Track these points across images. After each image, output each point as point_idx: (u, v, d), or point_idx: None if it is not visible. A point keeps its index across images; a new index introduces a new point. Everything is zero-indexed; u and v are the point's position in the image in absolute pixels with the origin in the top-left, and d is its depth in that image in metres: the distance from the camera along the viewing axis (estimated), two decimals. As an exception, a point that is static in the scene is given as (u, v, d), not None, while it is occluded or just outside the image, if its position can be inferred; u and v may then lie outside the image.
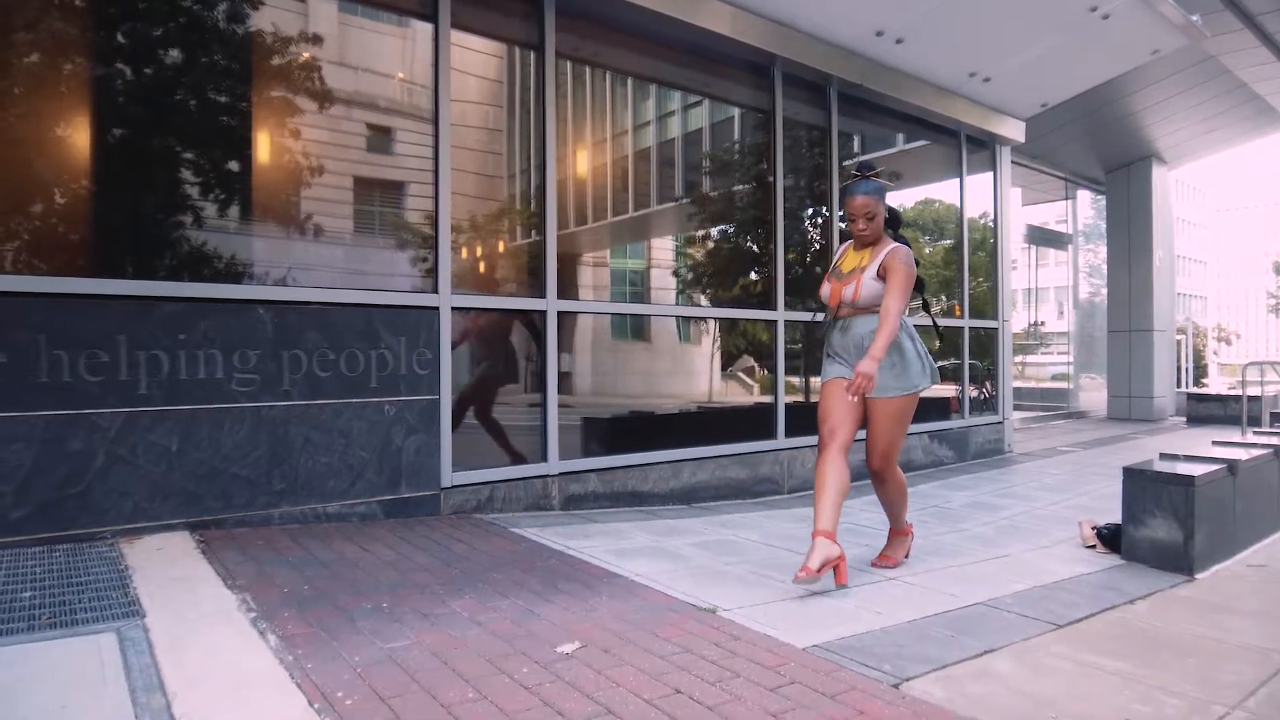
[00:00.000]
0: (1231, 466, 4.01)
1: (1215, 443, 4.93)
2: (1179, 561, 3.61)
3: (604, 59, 5.16)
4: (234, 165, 3.72)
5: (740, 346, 5.95)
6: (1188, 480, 3.63)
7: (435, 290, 3.98)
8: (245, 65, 3.73)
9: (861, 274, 3.25)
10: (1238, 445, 4.78)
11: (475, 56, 4.57)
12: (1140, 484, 3.81)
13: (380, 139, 4.19)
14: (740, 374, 5.96)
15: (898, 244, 3.28)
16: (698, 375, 5.80)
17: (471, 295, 4.25)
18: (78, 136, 3.32)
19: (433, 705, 1.79)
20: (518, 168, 4.74)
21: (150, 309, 3.22)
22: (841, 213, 2.96)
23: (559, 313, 4.46)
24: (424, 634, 2.26)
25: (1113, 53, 6.69)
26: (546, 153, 4.47)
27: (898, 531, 3.53)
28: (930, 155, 7.42)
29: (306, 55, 3.84)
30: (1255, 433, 5.94)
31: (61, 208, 3.33)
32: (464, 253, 4.40)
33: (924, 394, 3.37)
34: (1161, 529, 3.68)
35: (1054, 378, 15.92)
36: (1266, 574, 3.66)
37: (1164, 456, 4.31)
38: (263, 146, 3.77)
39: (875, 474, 3.35)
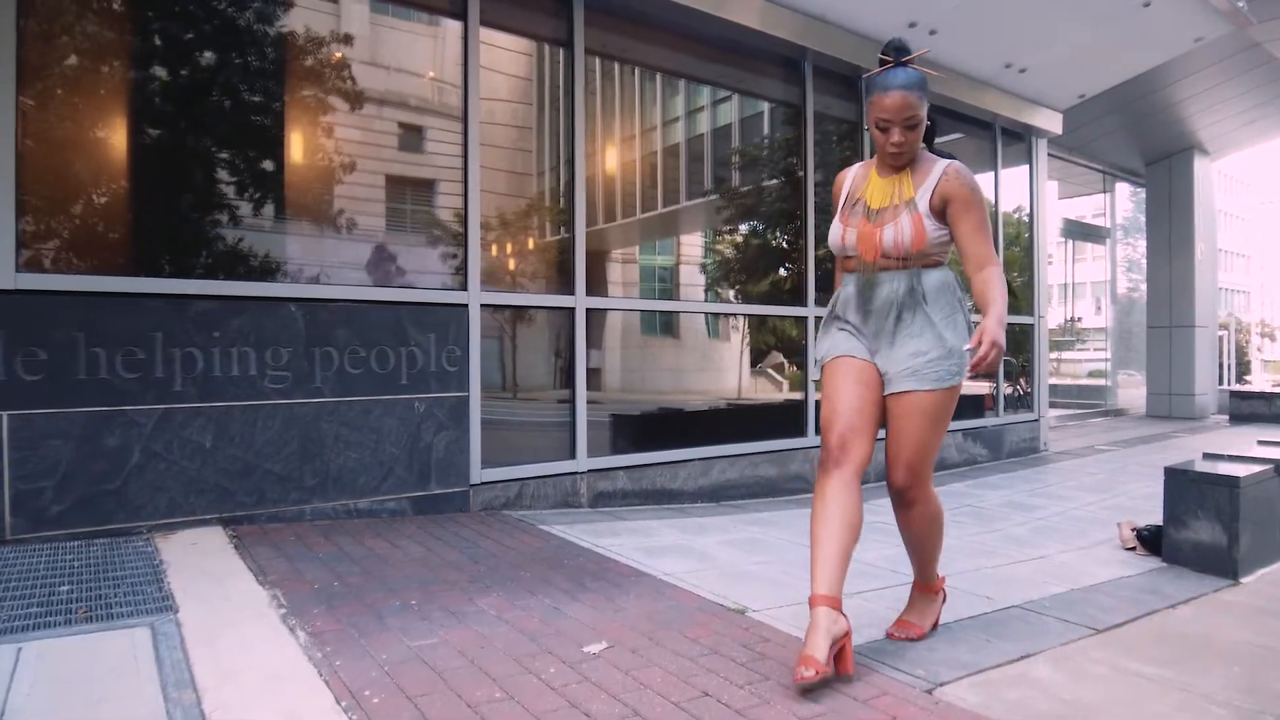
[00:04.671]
0: (1278, 467, 3.89)
1: (1261, 442, 4.79)
2: (1223, 565, 3.50)
3: (633, 55, 5.14)
4: (266, 165, 3.76)
5: (770, 343, 5.91)
6: (1232, 481, 3.53)
7: (465, 288, 4.00)
8: (276, 66, 3.77)
9: (909, 209, 2.24)
10: (1285, 445, 4.64)
11: (505, 54, 4.57)
12: (1182, 484, 3.70)
13: (410, 137, 4.21)
14: (770, 370, 5.91)
15: (948, 159, 2.32)
16: (727, 371, 5.76)
17: (500, 292, 4.26)
18: (113, 137, 3.37)
19: (459, 705, 1.79)
20: (547, 165, 4.73)
21: (184, 307, 3.27)
22: (866, 123, 2.29)
23: (588, 309, 4.45)
24: (452, 632, 2.26)
25: (1153, 41, 6.52)
26: (575, 149, 4.47)
27: (925, 587, 2.48)
28: (964, 148, 7.29)
29: (337, 55, 3.87)
30: (1303, 432, 5.75)
31: (98, 208, 3.39)
32: (493, 250, 4.41)
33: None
34: (1205, 531, 3.58)
35: (1090, 374, 15.61)
36: (1315, 578, 3.54)
37: (1207, 456, 4.19)
38: (294, 146, 3.80)
39: (898, 495, 2.30)
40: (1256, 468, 3.75)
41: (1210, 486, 3.60)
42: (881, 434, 2.31)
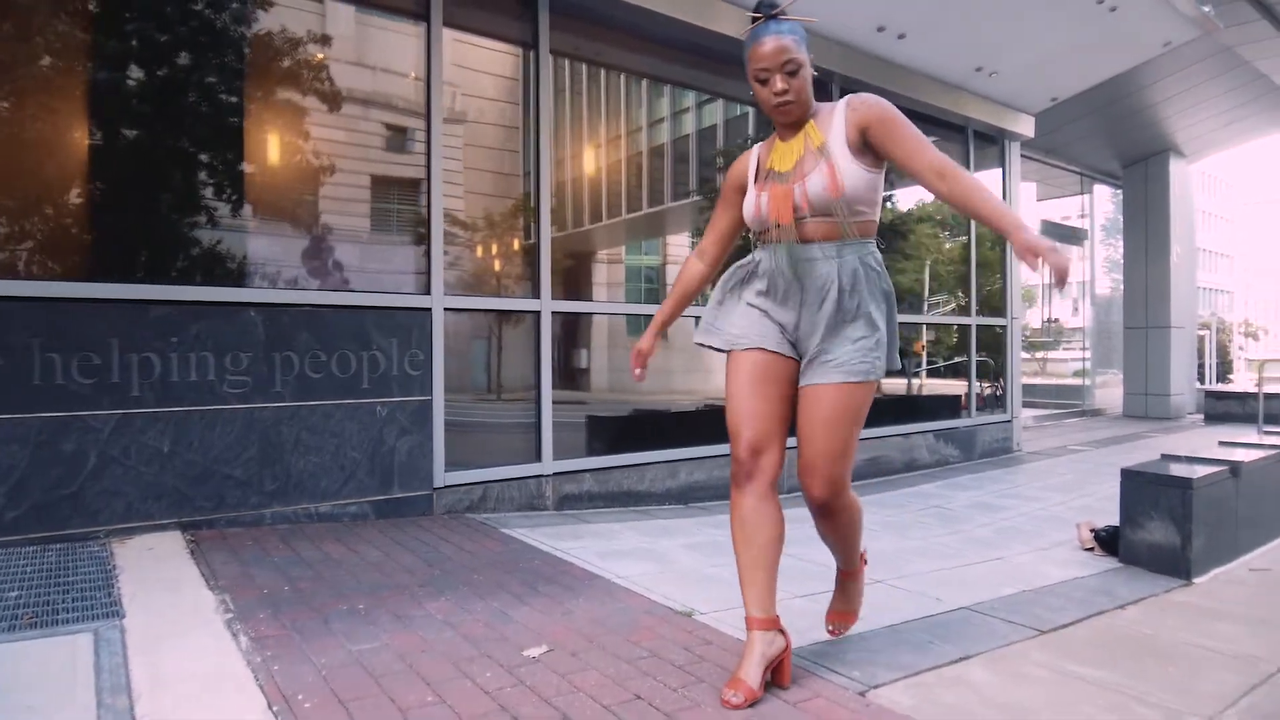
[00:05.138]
0: (1234, 468, 3.94)
1: (1222, 443, 4.85)
2: (1176, 565, 3.55)
3: (604, 58, 5.16)
4: (227, 170, 3.75)
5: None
6: (1185, 482, 3.57)
7: (428, 292, 4.00)
8: (234, 68, 3.76)
9: (821, 157, 2.01)
10: (1245, 445, 4.69)
11: (476, 54, 4.57)
12: (1138, 485, 3.75)
13: (373, 139, 4.21)
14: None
15: (848, 96, 2.09)
16: (715, 373, 5.78)
17: (465, 296, 4.27)
18: (69, 143, 3.37)
19: (390, 709, 1.80)
20: (520, 169, 4.74)
21: (142, 312, 3.26)
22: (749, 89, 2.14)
23: (554, 313, 4.46)
24: (395, 636, 2.27)
25: (1123, 45, 6.59)
26: (541, 152, 4.48)
27: (850, 572, 2.35)
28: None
29: (299, 56, 3.87)
30: (1267, 431, 5.83)
31: (53, 214, 3.38)
32: (458, 254, 4.42)
33: (931, 392, 2.81)
34: (1159, 532, 3.63)
35: (1075, 374, 15.73)
36: (1268, 579, 3.59)
37: (1165, 457, 4.24)
38: (254, 149, 3.80)
39: (820, 508, 2.11)
40: (1211, 469, 3.80)
41: (1165, 488, 3.65)
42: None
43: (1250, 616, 2.98)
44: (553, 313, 4.46)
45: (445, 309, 4.03)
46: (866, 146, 2.01)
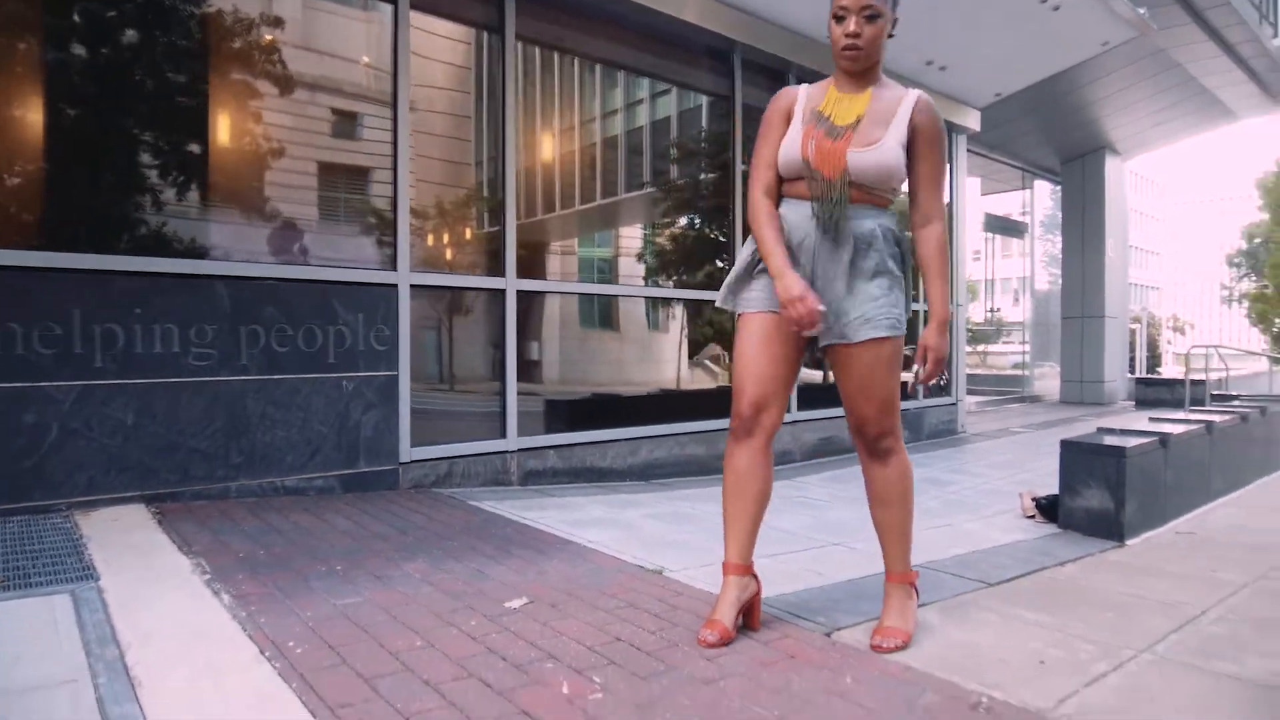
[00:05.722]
0: (1163, 440, 4.19)
1: (1152, 418, 5.15)
2: (1110, 529, 3.77)
3: (567, 43, 5.21)
4: (195, 145, 3.71)
5: (708, 335, 6.05)
6: (1119, 452, 3.80)
7: (394, 268, 4.02)
8: (208, 46, 3.72)
9: (884, 135, 2.06)
10: (1173, 421, 4.99)
11: (442, 42, 4.59)
12: (1076, 455, 3.97)
13: (342, 122, 4.20)
14: (707, 361, 6.06)
15: (919, 92, 2.15)
16: (665, 363, 5.88)
17: (431, 273, 4.30)
18: (32, 113, 3.30)
19: (380, 652, 1.87)
20: (485, 154, 4.76)
21: (105, 283, 3.23)
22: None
23: (519, 292, 4.52)
24: (376, 593, 2.33)
25: (1064, 44, 6.87)
26: (506, 136, 4.52)
27: (902, 575, 2.25)
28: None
29: (268, 38, 3.85)
30: (1189, 410, 6.17)
31: (14, 183, 3.32)
32: (426, 234, 4.44)
33: None
34: (1095, 498, 3.85)
35: (1015, 366, 16.29)
36: (1193, 541, 3.84)
37: (1101, 430, 4.49)
38: (223, 128, 3.77)
39: (873, 444, 2.18)
40: (1143, 440, 4.05)
41: (1100, 457, 3.87)
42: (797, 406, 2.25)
43: (1177, 573, 3.20)
44: (518, 290, 4.51)
45: (412, 285, 4.06)
46: (907, 144, 2.10)
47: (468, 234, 4.74)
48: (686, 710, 1.64)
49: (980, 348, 17.38)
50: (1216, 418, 5.18)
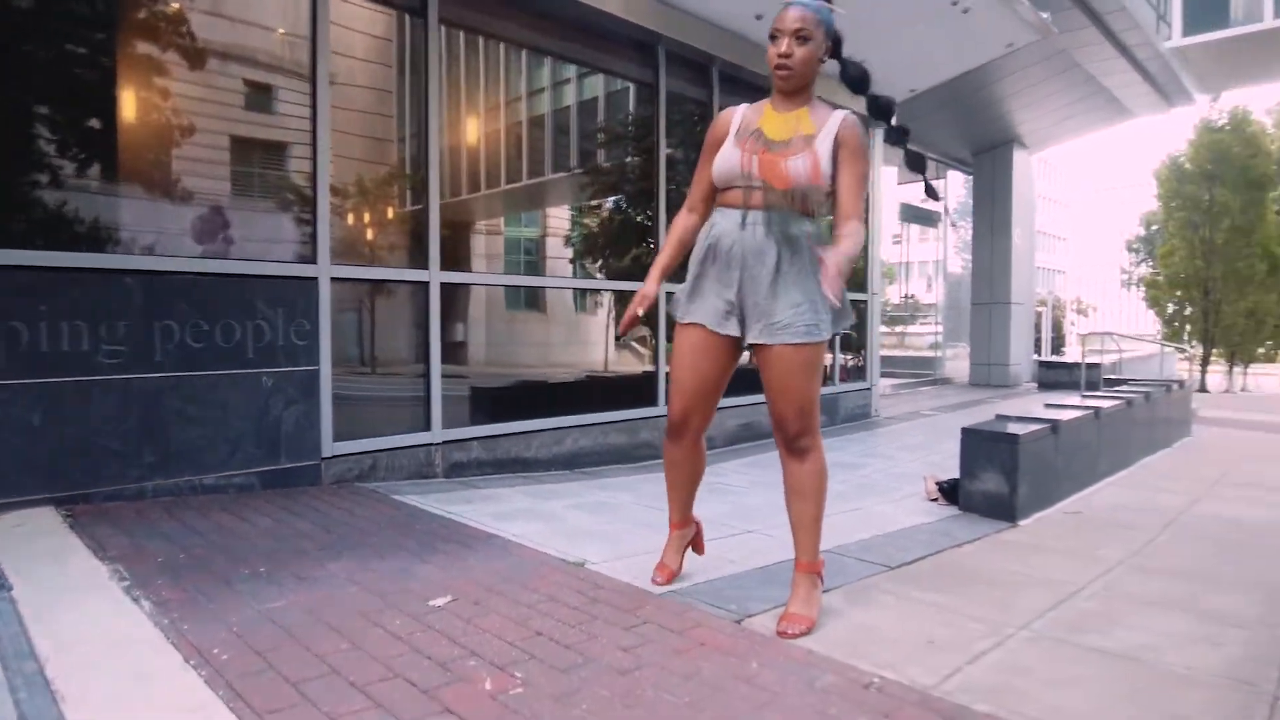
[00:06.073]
0: (1054, 426, 4.50)
1: (1047, 405, 5.48)
2: (1005, 510, 4.05)
3: (491, 29, 5.19)
4: (96, 124, 3.59)
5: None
6: (1013, 438, 4.07)
7: (314, 260, 3.98)
8: (112, 15, 3.58)
9: (809, 145, 2.25)
10: (1066, 407, 5.33)
11: (363, 12, 4.49)
12: (975, 442, 4.24)
13: (257, 97, 4.08)
14: (634, 344, 6.16)
15: (846, 111, 2.35)
16: (593, 345, 5.96)
17: (352, 266, 4.26)
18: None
19: (307, 656, 1.91)
20: (407, 131, 4.72)
21: (6, 278, 3.11)
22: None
23: (443, 284, 4.52)
24: (301, 594, 2.36)
25: (973, 45, 7.17)
26: (429, 121, 4.50)
27: (810, 565, 2.38)
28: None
29: (177, 5, 3.72)
30: (1084, 396, 6.59)
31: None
32: (346, 221, 4.39)
33: None
34: (991, 482, 4.12)
35: (931, 347, 16.94)
36: (1079, 519, 4.15)
37: (999, 417, 4.78)
38: (127, 103, 3.63)
39: (791, 443, 2.34)
40: (1035, 427, 4.33)
41: (996, 443, 4.14)
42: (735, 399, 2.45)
43: (1062, 549, 3.48)
44: (441, 283, 4.51)
45: (332, 278, 4.02)
46: (833, 155, 2.28)
47: (390, 225, 4.71)
48: (603, 700, 1.75)
49: (899, 329, 18.02)
50: (1104, 404, 5.57)
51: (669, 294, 2.70)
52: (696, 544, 2.76)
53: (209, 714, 1.63)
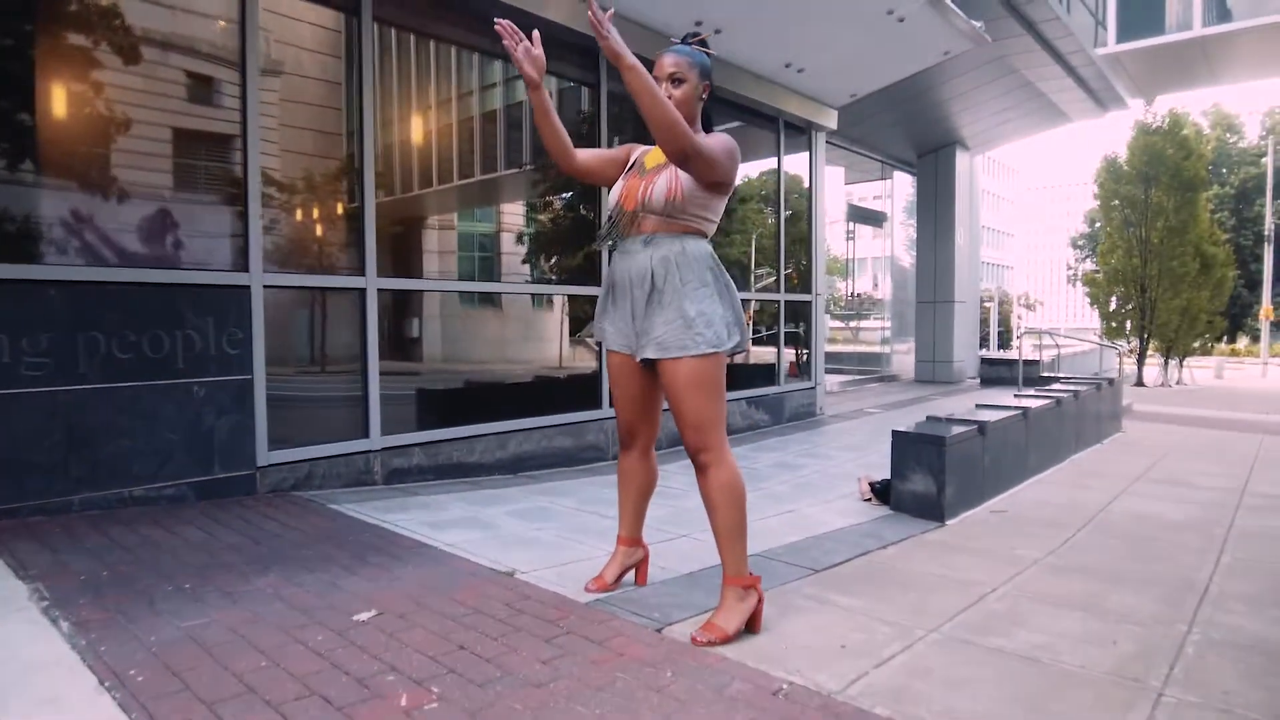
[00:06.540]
0: (982, 428, 4.66)
1: (978, 405, 5.66)
2: (934, 510, 4.19)
3: (430, 30, 5.17)
4: (11, 129, 3.51)
5: (588, 312, 6.18)
6: (940, 440, 4.21)
7: (246, 269, 3.95)
8: (21, 4, 3.49)
9: (670, 167, 2.38)
10: (995, 408, 5.51)
11: (297, 5, 4.43)
12: (904, 444, 4.37)
13: (193, 90, 3.98)
14: (588, 340, 6.20)
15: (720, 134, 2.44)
16: (539, 346, 5.99)
17: (285, 274, 4.23)
18: None
19: (224, 675, 1.93)
20: (344, 128, 4.67)
21: (-80, 290, 3.05)
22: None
23: (379, 290, 4.51)
24: (225, 612, 2.36)
25: (910, 52, 7.34)
26: (365, 124, 4.47)
27: (734, 579, 2.40)
28: (753, 138, 7.88)
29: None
30: (1019, 395, 6.80)
31: None
32: (279, 227, 4.35)
33: (744, 361, 3.09)
34: (920, 483, 4.26)
35: (882, 342, 17.26)
36: (1003, 518, 4.31)
37: (929, 419, 4.93)
38: (39, 99, 3.52)
39: (692, 459, 2.45)
40: (962, 429, 4.49)
41: (924, 445, 4.28)
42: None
43: (982, 549, 3.61)
44: (378, 290, 4.50)
45: (265, 286, 3.99)
46: None
47: (326, 231, 4.67)
48: (516, 714, 1.80)
49: (851, 324, 18.32)
50: (1034, 403, 5.77)
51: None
52: (640, 571, 2.79)
53: (119, 739, 1.65)
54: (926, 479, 4.24)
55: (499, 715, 1.79)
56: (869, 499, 4.54)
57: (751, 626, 2.41)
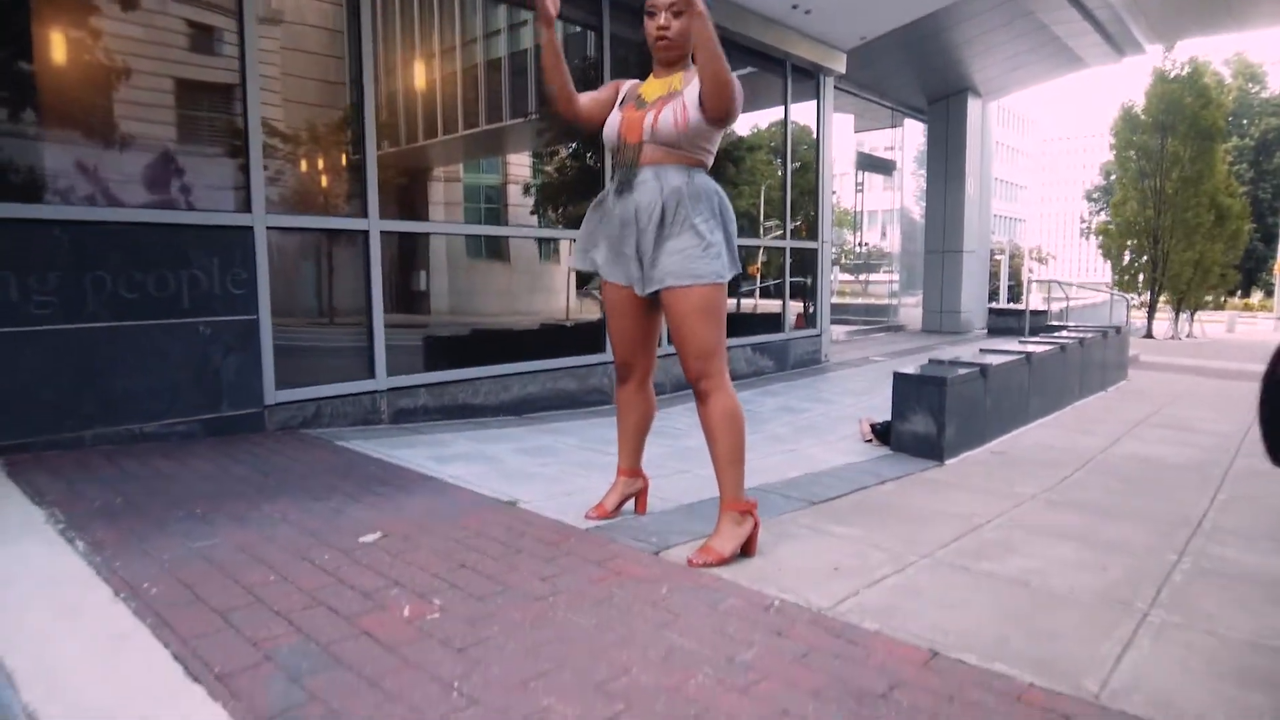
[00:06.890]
0: (984, 370, 4.67)
1: (982, 349, 5.67)
2: (933, 450, 4.23)
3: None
4: (16, 73, 3.51)
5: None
6: (941, 381, 4.23)
7: (249, 209, 3.96)
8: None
9: (675, 98, 2.37)
10: (999, 352, 5.52)
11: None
12: (906, 385, 4.40)
13: (196, 38, 3.98)
14: (595, 292, 6.21)
15: None
16: (544, 291, 6.00)
17: (288, 215, 4.24)
18: None
19: (234, 587, 2.00)
20: (347, 76, 4.64)
21: (-72, 227, 3.08)
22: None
23: (382, 233, 4.52)
24: (234, 534, 2.43)
25: (921, -9, 7.19)
26: (364, 66, 4.44)
27: (732, 504, 2.44)
28: (759, 83, 7.77)
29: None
30: (1023, 341, 6.80)
31: None
32: (281, 169, 4.34)
33: (751, 310, 3.19)
34: (920, 423, 4.29)
35: (890, 294, 17.18)
36: (1002, 459, 4.35)
37: (931, 361, 4.95)
38: (48, 44, 3.54)
39: (694, 387, 2.48)
40: (964, 371, 4.50)
41: (925, 386, 4.30)
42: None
43: (979, 487, 3.66)
44: (382, 232, 4.51)
45: (268, 227, 4.01)
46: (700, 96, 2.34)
47: (328, 173, 4.67)
48: (515, 621, 1.86)
49: (861, 276, 18.23)
50: (1038, 349, 5.77)
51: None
52: (640, 500, 2.85)
53: (135, 641, 1.72)
54: (927, 419, 4.27)
55: (498, 624, 1.85)
56: (870, 440, 4.58)
57: (747, 550, 2.47)
